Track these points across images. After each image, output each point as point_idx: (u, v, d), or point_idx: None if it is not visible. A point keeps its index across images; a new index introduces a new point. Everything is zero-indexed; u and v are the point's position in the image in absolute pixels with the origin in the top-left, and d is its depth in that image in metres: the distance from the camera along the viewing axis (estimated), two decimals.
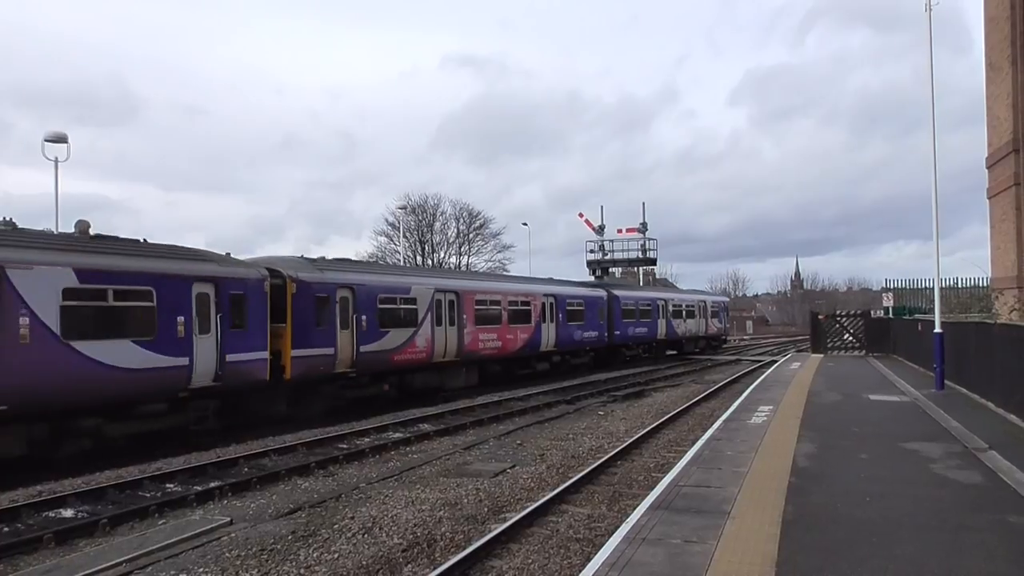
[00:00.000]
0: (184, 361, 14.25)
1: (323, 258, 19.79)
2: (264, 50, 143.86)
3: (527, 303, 27.76)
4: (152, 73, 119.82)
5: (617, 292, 36.31)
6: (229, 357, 15.16)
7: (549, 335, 29.28)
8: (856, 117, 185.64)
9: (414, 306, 21.34)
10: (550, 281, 33.33)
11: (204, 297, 14.81)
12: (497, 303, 25.91)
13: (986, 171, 22.04)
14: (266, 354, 16.22)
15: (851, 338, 34.10)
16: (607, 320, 34.30)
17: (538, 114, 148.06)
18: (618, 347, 35.77)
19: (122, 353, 13.14)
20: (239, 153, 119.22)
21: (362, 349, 19.05)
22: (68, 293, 12.40)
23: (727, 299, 59.18)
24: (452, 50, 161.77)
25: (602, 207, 53.07)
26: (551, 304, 29.45)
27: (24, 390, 11.62)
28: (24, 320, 11.71)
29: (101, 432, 13.18)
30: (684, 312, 43.68)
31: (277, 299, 16.87)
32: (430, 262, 69.72)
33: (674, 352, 42.75)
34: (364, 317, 19.24)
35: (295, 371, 17.06)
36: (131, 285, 13.50)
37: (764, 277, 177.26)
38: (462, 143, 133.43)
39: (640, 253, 50.64)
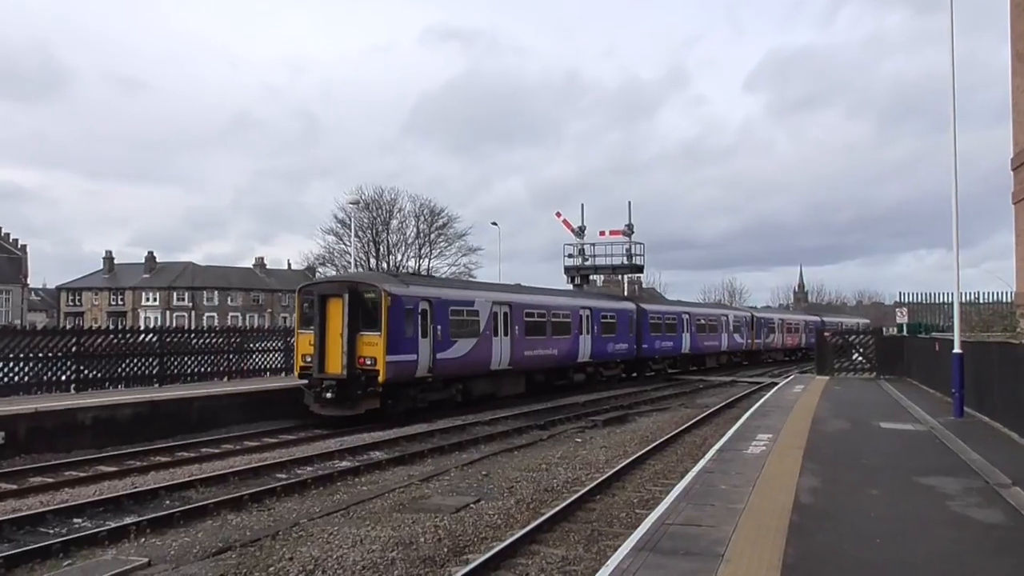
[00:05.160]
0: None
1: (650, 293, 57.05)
2: (218, 15, 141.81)
3: (797, 327, 64.98)
4: (83, 39, 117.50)
5: (826, 317, 73.83)
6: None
7: (800, 342, 64.82)
8: (885, 109, 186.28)
9: (675, 322, 43.99)
10: (804, 311, 76.73)
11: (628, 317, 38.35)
12: (775, 325, 61.09)
13: (1011, 173, 22.40)
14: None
15: (860, 358, 34.52)
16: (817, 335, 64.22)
17: (529, 97, 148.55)
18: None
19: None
20: (180, 135, 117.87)
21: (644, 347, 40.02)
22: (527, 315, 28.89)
23: (868, 321, 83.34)
24: (435, 21, 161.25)
25: (583, 205, 53.60)
26: (805, 324, 63.98)
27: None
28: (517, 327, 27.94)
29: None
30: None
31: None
32: (385, 265, 69.34)
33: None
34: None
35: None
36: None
37: (765, 288, 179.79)
38: (438, 129, 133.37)
39: (625, 259, 50.44)
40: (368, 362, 21.20)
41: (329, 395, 20.84)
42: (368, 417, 21.24)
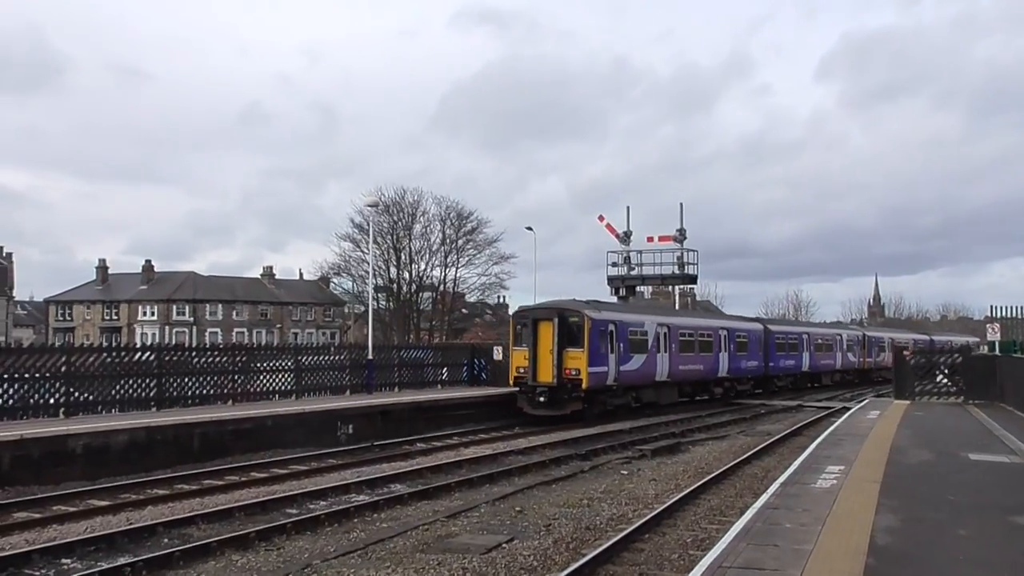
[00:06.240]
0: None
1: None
2: None
3: (907, 346, 59.90)
4: (80, 25, 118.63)
5: (935, 335, 75.48)
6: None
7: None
8: (976, 98, 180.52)
9: (796, 342, 50.94)
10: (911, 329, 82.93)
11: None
12: (885, 344, 63.83)
13: None
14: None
15: (945, 380, 34.02)
16: (895, 354, 66.19)
17: (572, 87, 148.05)
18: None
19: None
20: (183, 130, 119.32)
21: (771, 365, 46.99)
22: (680, 334, 36.99)
23: (979, 339, 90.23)
24: (468, 2, 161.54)
25: (628, 208, 52.51)
26: (915, 343, 62.25)
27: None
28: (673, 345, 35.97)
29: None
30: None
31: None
32: (407, 274, 69.66)
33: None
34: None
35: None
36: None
37: (835, 301, 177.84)
38: (469, 122, 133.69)
39: (676, 268, 50.12)
40: (573, 373, 29.48)
41: (542, 399, 29.54)
42: (570, 417, 29.33)
